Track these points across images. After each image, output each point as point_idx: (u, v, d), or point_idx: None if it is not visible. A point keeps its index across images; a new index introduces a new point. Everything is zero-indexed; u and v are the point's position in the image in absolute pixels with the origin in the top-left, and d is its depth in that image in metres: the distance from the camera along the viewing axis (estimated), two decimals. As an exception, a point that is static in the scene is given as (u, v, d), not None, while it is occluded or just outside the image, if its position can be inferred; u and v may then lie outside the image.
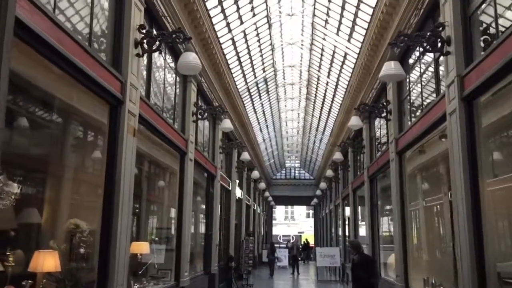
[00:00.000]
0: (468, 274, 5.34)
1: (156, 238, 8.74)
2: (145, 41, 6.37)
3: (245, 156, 15.55)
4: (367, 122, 12.97)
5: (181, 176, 9.42)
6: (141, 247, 7.62)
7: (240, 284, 16.70)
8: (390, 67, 6.65)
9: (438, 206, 8.40)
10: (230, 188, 16.50)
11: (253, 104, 18.92)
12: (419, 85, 8.63)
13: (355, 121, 10.77)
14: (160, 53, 8.11)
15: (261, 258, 27.16)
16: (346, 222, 18.99)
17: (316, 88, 18.75)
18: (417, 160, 8.96)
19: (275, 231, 45.02)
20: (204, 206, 12.42)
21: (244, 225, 20.18)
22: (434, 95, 7.65)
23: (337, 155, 15.56)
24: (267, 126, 23.62)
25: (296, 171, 39.06)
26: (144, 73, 7.58)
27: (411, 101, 9.02)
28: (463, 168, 5.51)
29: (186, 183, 9.41)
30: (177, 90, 9.63)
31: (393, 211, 9.41)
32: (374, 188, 12.49)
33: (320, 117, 21.24)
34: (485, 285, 5.18)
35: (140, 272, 7.67)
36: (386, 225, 11.87)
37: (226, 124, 11.45)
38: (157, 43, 6.50)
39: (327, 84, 17.23)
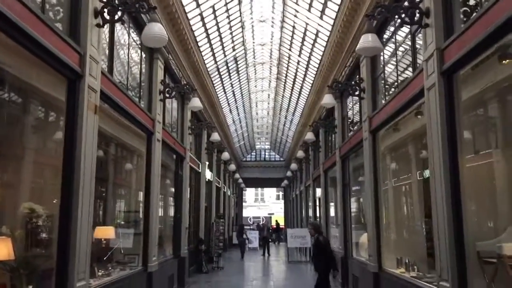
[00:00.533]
0: (446, 253, 5.20)
1: (123, 222, 8.34)
2: (105, 10, 5.88)
3: (215, 137, 15.16)
4: (339, 101, 12.77)
5: (148, 158, 8.99)
6: (106, 232, 7.24)
7: (211, 267, 16.46)
8: (367, 40, 6.39)
9: (412, 185, 8.30)
10: (200, 170, 16.12)
11: (222, 84, 18.48)
12: (393, 61, 8.43)
13: (328, 99, 10.53)
14: (123, 23, 7.60)
15: (232, 241, 27.01)
16: (317, 203, 18.95)
17: (287, 68, 18.43)
18: (391, 138, 8.81)
19: (246, 213, 44.98)
20: (173, 189, 12.02)
21: (214, 208, 19.87)
22: (410, 71, 7.45)
23: (309, 135, 15.37)
24: (237, 107, 23.23)
25: (266, 153, 38.91)
26: (106, 47, 7.09)
27: (386, 78, 8.82)
28: (442, 144, 5.33)
29: (154, 164, 9.00)
30: (143, 68, 9.14)
31: (366, 191, 9.27)
32: (346, 168, 12.36)
33: (290, 97, 21.00)
34: (464, 265, 5.05)
35: (105, 258, 7.29)
36: (358, 205, 11.78)
37: (195, 103, 11.02)
38: (119, 13, 6.03)
39: (298, 63, 16.94)
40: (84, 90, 5.46)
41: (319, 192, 18.34)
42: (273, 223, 38.18)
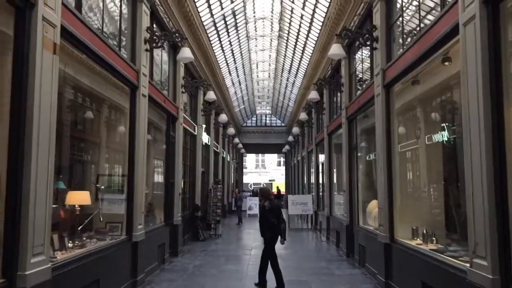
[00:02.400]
0: (484, 225, 4.23)
1: (103, 187, 7.38)
2: None
3: (211, 95, 14.03)
4: (347, 57, 11.63)
5: (132, 115, 7.96)
6: (81, 197, 6.31)
7: (208, 234, 15.68)
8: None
9: (431, 147, 7.28)
10: (196, 133, 15.11)
11: (220, 42, 17.22)
12: (414, 3, 7.27)
13: (336, 50, 9.37)
14: None
15: (231, 207, 26.27)
16: (320, 169, 18.03)
17: (290, 23, 17.12)
18: (409, 93, 7.74)
19: (246, 179, 44.28)
20: (164, 151, 11.02)
21: (212, 173, 18.98)
22: (432, 15, 6.30)
23: (313, 94, 14.25)
24: (236, 68, 22.00)
25: (267, 118, 37.80)
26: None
27: (404, 23, 7.67)
28: (483, 91, 4.27)
29: (139, 122, 7.97)
30: (124, 11, 7.98)
31: (378, 154, 8.27)
32: (353, 130, 11.33)
33: (293, 57, 19.75)
34: (508, 239, 4.08)
35: (79, 228, 6.35)
36: (366, 170, 10.81)
37: (185, 53, 9.83)
38: None
39: (301, 17, 15.63)
40: (37, 22, 4.37)
41: (322, 157, 17.41)
42: (274, 190, 37.47)
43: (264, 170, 53.51)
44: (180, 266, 9.88)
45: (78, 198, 6.25)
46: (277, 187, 38.28)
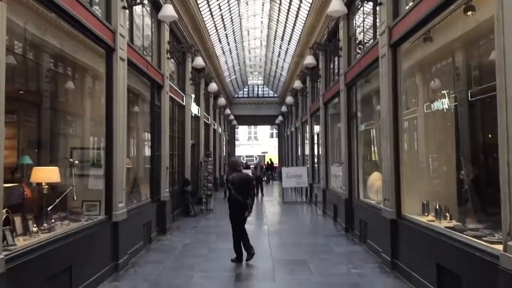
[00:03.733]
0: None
1: (76, 162, 6.56)
2: None
3: (199, 61, 13.08)
4: (345, 18, 10.74)
5: (109, 80, 7.08)
6: (48, 174, 5.51)
7: (199, 209, 15.01)
8: None
9: (444, 113, 6.53)
10: (184, 103, 14.24)
11: (209, 5, 16.10)
12: None
13: (336, 6, 8.50)
14: None
15: (223, 181, 25.55)
16: (315, 140, 17.30)
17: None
18: (419, 52, 6.92)
19: (238, 151, 43.55)
20: (149, 122, 10.17)
21: (203, 146, 18.18)
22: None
23: (309, 59, 13.34)
24: (226, 35, 20.91)
25: (259, 89, 36.80)
26: None
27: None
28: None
29: (117, 89, 7.11)
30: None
31: (382, 121, 7.50)
32: (353, 97, 10.53)
33: (286, 22, 18.70)
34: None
35: (48, 209, 5.57)
36: (367, 139, 10.07)
37: (167, 11, 8.87)
38: None
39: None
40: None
41: (317, 128, 16.66)
42: (267, 162, 36.82)
43: (257, 142, 52.77)
44: (168, 245, 9.18)
45: (45, 175, 5.44)
46: (270, 159, 37.69)
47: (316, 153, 17.17)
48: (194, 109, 16.31)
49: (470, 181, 6.01)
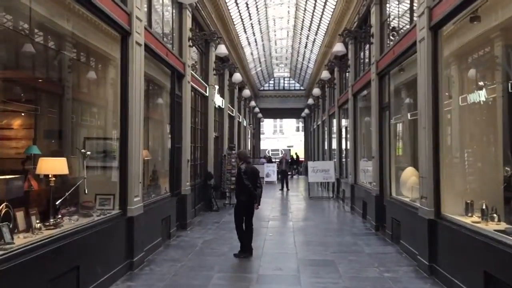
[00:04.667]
0: None
1: (89, 152, 6.15)
2: None
3: (222, 49, 12.53)
4: (378, 2, 10.09)
5: (124, 66, 6.64)
6: (55, 166, 5.10)
7: (222, 203, 14.58)
8: None
9: (494, 103, 5.84)
10: (207, 94, 13.77)
11: (233, -7, 15.56)
12: None
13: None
14: None
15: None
16: (342, 134, 16.62)
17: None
18: (464, 36, 6.22)
19: (263, 145, 43.03)
20: (169, 112, 9.71)
21: (226, 139, 17.72)
22: None
23: (338, 47, 12.63)
24: (252, 25, 20.31)
25: (286, 81, 36.11)
26: None
27: None
28: None
29: (133, 76, 6.66)
30: None
31: (420, 113, 6.83)
32: (385, 87, 9.84)
33: (314, 10, 17.98)
34: None
35: (57, 203, 5.16)
36: (401, 132, 9.39)
37: (189, -6, 8.40)
38: None
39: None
40: None
41: (345, 121, 15.99)
42: (292, 156, 36.18)
43: (282, 136, 52.13)
44: (188, 242, 8.75)
45: (51, 166, 5.02)
46: (295, 153, 37.02)
47: (343, 147, 16.49)
48: (218, 100, 15.85)
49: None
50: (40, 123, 6.67)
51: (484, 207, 5.42)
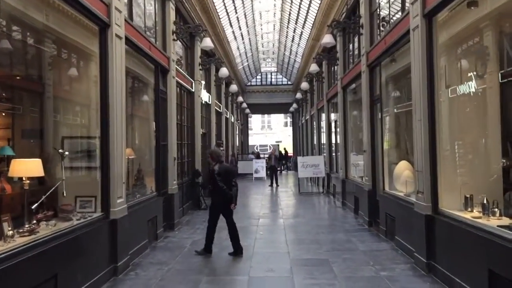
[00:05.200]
0: None
1: (66, 153, 5.77)
2: None
3: (207, 43, 12.16)
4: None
5: (104, 60, 6.26)
6: (29, 167, 4.75)
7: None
8: None
9: (497, 90, 5.59)
10: (193, 90, 13.40)
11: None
12: None
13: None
14: None
15: (237, 170, 24.74)
16: (332, 128, 16.36)
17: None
18: (462, 20, 5.94)
19: (252, 141, 42.71)
20: (153, 109, 9.33)
21: (214, 135, 17.38)
22: None
23: (327, 39, 12.29)
24: (237, 18, 19.95)
25: (273, 76, 35.81)
26: None
27: None
28: None
29: (113, 70, 6.29)
30: None
31: (415, 104, 6.57)
32: (376, 79, 9.59)
33: (301, 2, 17.67)
34: None
35: (33, 207, 4.80)
36: (394, 125, 9.14)
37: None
38: None
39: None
40: None
41: (334, 114, 15.73)
42: (281, 151, 35.89)
43: (271, 131, 51.85)
44: (176, 243, 8.42)
45: (25, 168, 4.65)
46: (284, 148, 36.76)
47: (333, 141, 16.25)
48: (205, 96, 15.49)
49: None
50: (18, 122, 6.28)
51: (485, 201, 5.18)
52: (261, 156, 26.88)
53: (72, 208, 5.67)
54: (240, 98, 27.85)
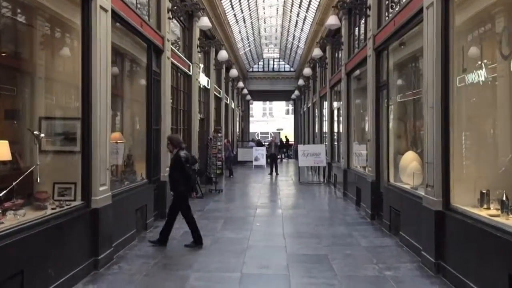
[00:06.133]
0: None
1: (42, 135, 5.25)
2: None
3: (205, 22, 11.47)
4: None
5: (86, 35, 5.69)
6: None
7: (208, 189, 13.77)
8: None
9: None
10: (191, 73, 12.83)
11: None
12: None
13: None
14: None
15: (236, 158, 24.26)
16: (335, 116, 15.80)
17: None
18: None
19: (253, 128, 42.15)
20: (145, 91, 8.76)
21: (213, 121, 16.83)
22: None
23: (332, 20, 11.62)
24: (240, 2, 19.30)
25: (275, 63, 35.10)
26: None
27: None
28: None
29: (96, 46, 5.72)
30: None
31: (427, 89, 6.01)
32: (383, 64, 9.01)
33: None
34: None
35: (0, 195, 4.29)
36: (400, 113, 8.58)
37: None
38: None
39: None
40: None
41: (337, 103, 15.18)
42: (282, 139, 35.34)
43: (272, 119, 51.27)
44: (166, 234, 7.92)
45: (-11, 151, 4.13)
46: (285, 136, 36.23)
47: (335, 130, 15.69)
48: (203, 80, 14.92)
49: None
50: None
51: (504, 198, 4.65)
52: (263, 143, 26.35)
53: (47, 196, 5.15)
54: (240, 84, 27.23)
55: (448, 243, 5.42)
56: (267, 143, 24.95)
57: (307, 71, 21.00)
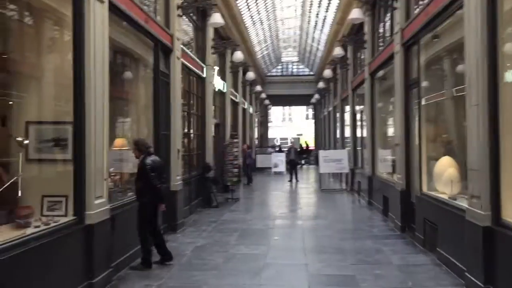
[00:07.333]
0: None
1: (26, 141, 4.60)
2: None
3: (217, 19, 10.67)
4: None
5: (78, 27, 5.03)
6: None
7: (224, 198, 13.05)
8: None
9: None
10: (205, 76, 12.16)
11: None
12: None
13: None
14: None
15: (255, 164, 23.46)
16: (357, 119, 14.94)
17: None
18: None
19: (272, 133, 41.35)
20: (152, 93, 8.09)
21: (229, 126, 16.13)
22: None
23: (355, 14, 10.43)
24: (256, 3, 18.60)
25: (294, 66, 34.30)
26: None
27: None
28: None
29: (90, 40, 5.07)
30: None
31: (470, 86, 5.17)
32: (412, 60, 8.17)
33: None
34: None
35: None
36: (433, 115, 7.72)
37: None
38: None
39: None
40: None
41: (359, 106, 14.33)
42: (301, 144, 34.44)
43: (291, 124, 50.41)
44: (175, 249, 7.11)
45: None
46: (305, 141, 35.31)
47: (358, 134, 14.83)
48: (218, 83, 14.25)
49: None
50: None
51: None
52: (282, 150, 25.55)
53: (30, 212, 4.47)
54: (258, 87, 26.49)
55: (500, 265, 4.56)
56: (286, 149, 24.17)
57: (327, 72, 20.17)
